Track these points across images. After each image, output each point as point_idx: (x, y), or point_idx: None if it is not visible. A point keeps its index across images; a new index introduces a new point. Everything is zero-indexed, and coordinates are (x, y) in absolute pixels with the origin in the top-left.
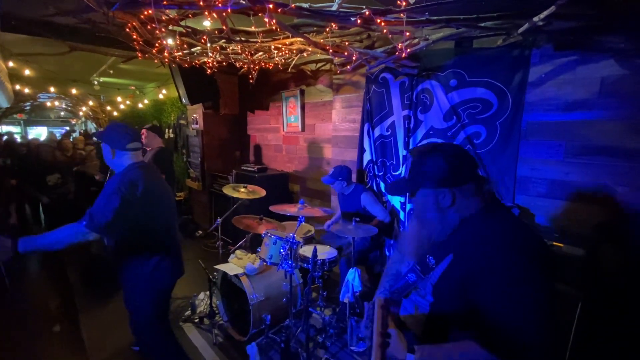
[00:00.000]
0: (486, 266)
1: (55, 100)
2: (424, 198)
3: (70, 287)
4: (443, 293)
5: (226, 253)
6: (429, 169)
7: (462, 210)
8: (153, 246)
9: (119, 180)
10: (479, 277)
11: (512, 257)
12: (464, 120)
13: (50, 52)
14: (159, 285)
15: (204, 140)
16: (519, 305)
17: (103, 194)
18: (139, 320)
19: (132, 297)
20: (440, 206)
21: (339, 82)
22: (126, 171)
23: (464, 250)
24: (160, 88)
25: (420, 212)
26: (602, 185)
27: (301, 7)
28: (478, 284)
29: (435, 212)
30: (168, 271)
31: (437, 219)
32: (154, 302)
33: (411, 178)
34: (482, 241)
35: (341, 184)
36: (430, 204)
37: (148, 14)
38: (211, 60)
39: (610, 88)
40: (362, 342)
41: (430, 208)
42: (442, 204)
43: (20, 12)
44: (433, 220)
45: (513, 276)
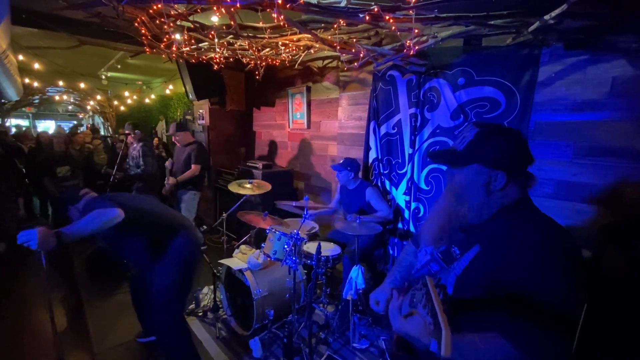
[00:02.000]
0: (520, 260)
1: (63, 94)
2: (475, 175)
3: (75, 278)
4: (467, 285)
5: (230, 248)
6: (494, 146)
7: (505, 198)
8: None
9: None
10: (512, 271)
11: (548, 254)
12: (472, 119)
13: (60, 45)
14: (184, 254)
15: (210, 136)
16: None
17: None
18: (163, 299)
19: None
20: (490, 188)
21: (345, 79)
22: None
23: (493, 242)
24: (167, 83)
25: (463, 188)
26: (610, 187)
27: (310, 3)
28: (509, 277)
29: (481, 192)
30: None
31: (481, 199)
32: (180, 273)
33: (469, 150)
34: (517, 236)
35: (348, 174)
36: (479, 183)
37: (157, 8)
38: (218, 56)
39: (621, 88)
40: (364, 339)
41: (477, 186)
42: (493, 186)
43: (31, 5)
44: (474, 200)
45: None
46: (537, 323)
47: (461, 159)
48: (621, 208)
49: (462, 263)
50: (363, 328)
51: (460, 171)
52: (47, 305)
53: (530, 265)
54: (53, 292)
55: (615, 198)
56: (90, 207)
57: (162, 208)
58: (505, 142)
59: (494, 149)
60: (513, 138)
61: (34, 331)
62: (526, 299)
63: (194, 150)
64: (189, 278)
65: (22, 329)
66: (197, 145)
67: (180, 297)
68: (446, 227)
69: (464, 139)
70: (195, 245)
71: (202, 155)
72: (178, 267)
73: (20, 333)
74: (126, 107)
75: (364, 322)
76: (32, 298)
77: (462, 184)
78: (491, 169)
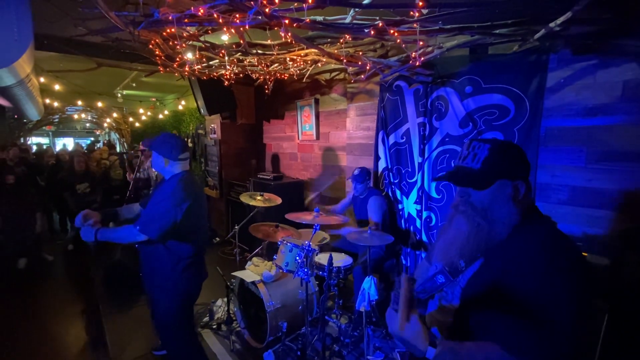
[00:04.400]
0: (524, 270)
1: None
2: (500, 190)
3: (94, 292)
4: (471, 296)
5: (243, 260)
6: (510, 158)
7: (525, 204)
8: (188, 249)
9: (172, 188)
10: (516, 280)
11: (556, 264)
12: (481, 126)
13: (79, 68)
14: (187, 286)
15: (221, 149)
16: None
17: (155, 201)
18: (167, 323)
19: (161, 301)
20: (517, 198)
21: (353, 90)
22: (178, 180)
23: (495, 252)
24: (179, 99)
25: (490, 207)
26: (626, 192)
27: (316, 21)
28: (513, 287)
29: (509, 205)
30: (196, 273)
31: (509, 211)
32: (183, 305)
33: (488, 166)
34: (521, 245)
35: (367, 184)
36: (506, 197)
37: (170, 31)
38: (229, 73)
39: (633, 92)
40: (378, 351)
41: (504, 201)
42: (519, 195)
43: (52, 31)
44: (504, 214)
45: (555, 282)
46: (536, 334)
47: (484, 177)
48: (639, 213)
49: (467, 275)
50: (377, 340)
51: (486, 191)
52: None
53: (531, 275)
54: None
55: (632, 203)
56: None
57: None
58: (515, 151)
59: (511, 161)
60: (518, 148)
61: (53, 343)
62: (526, 309)
63: None
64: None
65: (42, 342)
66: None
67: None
68: (465, 251)
69: (477, 157)
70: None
71: None
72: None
73: (41, 345)
74: (141, 123)
75: (378, 334)
76: (51, 311)
77: (488, 202)
78: (513, 181)
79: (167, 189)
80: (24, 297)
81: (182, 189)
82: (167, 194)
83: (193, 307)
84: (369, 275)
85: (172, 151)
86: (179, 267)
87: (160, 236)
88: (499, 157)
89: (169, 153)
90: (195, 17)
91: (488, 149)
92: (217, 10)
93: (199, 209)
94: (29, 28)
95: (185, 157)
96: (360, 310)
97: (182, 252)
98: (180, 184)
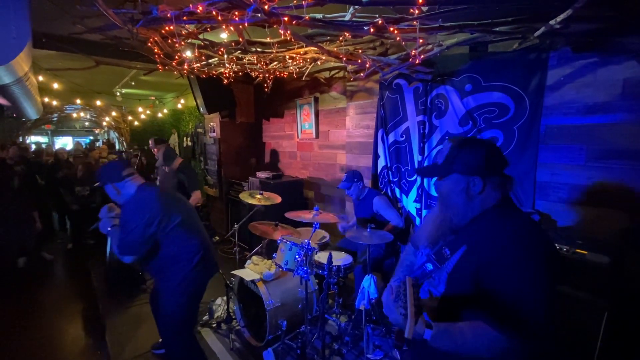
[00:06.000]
0: (498, 256)
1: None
2: (455, 183)
3: (93, 291)
4: (456, 281)
5: (242, 259)
6: (466, 156)
7: (485, 201)
8: (188, 246)
9: (132, 208)
10: (492, 266)
11: (522, 249)
12: (480, 125)
13: (78, 66)
14: (193, 286)
15: (221, 148)
16: (527, 289)
17: (122, 226)
18: (171, 322)
19: (167, 301)
20: (470, 192)
21: (352, 89)
22: (137, 200)
23: (477, 241)
24: (178, 98)
25: (447, 196)
26: (626, 190)
27: (315, 19)
28: (490, 272)
29: (462, 198)
30: (203, 269)
31: (463, 203)
32: (189, 303)
33: (446, 162)
34: (496, 234)
35: (357, 185)
36: (459, 189)
37: (169, 29)
38: (228, 71)
39: (633, 90)
40: (378, 349)
41: (458, 193)
42: (472, 191)
43: (51, 29)
44: (458, 204)
45: (522, 265)
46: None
47: (441, 170)
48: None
49: (452, 262)
50: (377, 338)
51: (444, 182)
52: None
53: (502, 261)
54: (72, 304)
55: (632, 201)
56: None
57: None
58: (474, 151)
59: (466, 158)
60: (483, 147)
61: (53, 342)
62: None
63: (186, 177)
64: (197, 299)
65: (42, 341)
66: (188, 171)
67: (187, 316)
68: (439, 232)
69: (442, 153)
70: (209, 275)
71: (195, 179)
72: (187, 290)
73: (40, 344)
74: (140, 122)
75: (378, 333)
76: (51, 310)
77: (446, 192)
78: (467, 176)
79: (129, 211)
80: (24, 296)
81: (143, 207)
82: (133, 219)
83: (198, 306)
84: (368, 273)
85: (113, 175)
86: (186, 266)
87: (144, 253)
88: (455, 154)
89: (112, 178)
90: (194, 14)
91: (450, 147)
92: (216, 8)
93: (175, 209)
94: (27, 26)
95: (130, 172)
96: (360, 309)
97: (182, 251)
98: (140, 203)
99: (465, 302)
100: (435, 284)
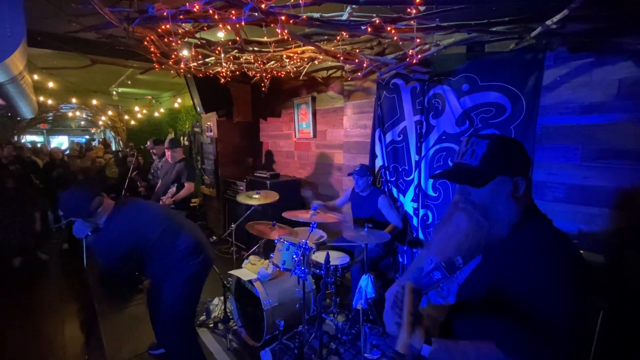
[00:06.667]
0: (524, 269)
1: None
2: (499, 187)
3: (89, 291)
4: (468, 293)
5: (240, 258)
6: (510, 154)
7: (525, 203)
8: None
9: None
10: (515, 280)
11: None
12: (477, 124)
13: (73, 65)
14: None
15: (217, 147)
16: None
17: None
18: (171, 318)
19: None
20: (516, 195)
21: (350, 88)
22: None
23: (494, 251)
24: (175, 97)
25: (490, 204)
26: (621, 190)
27: (312, 18)
28: (514, 285)
29: (509, 203)
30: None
31: (509, 210)
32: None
33: (487, 163)
34: (520, 243)
35: (367, 180)
36: (506, 194)
37: (165, 28)
38: (225, 70)
39: (629, 90)
40: (375, 349)
41: (505, 198)
42: (519, 192)
43: (46, 27)
44: (504, 212)
45: (558, 280)
46: (534, 335)
47: (483, 174)
48: (634, 211)
49: (464, 273)
50: (374, 338)
51: (484, 188)
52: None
53: (531, 275)
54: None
55: (629, 201)
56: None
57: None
58: (515, 147)
59: (511, 156)
60: (518, 143)
61: (49, 343)
62: (524, 309)
63: (184, 168)
64: (197, 296)
65: (37, 342)
66: (187, 163)
67: (189, 314)
68: (463, 248)
69: (475, 153)
70: (208, 268)
71: (193, 172)
72: (190, 287)
73: (36, 345)
74: (136, 122)
75: (375, 332)
76: (46, 310)
77: (488, 199)
78: (512, 177)
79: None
80: (19, 296)
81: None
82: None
83: (197, 303)
84: (365, 273)
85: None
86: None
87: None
88: (498, 153)
89: (82, 211)
90: (190, 13)
91: (486, 145)
92: (213, 7)
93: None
94: (21, 24)
95: (99, 201)
96: (357, 308)
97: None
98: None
99: (477, 316)
100: (444, 295)
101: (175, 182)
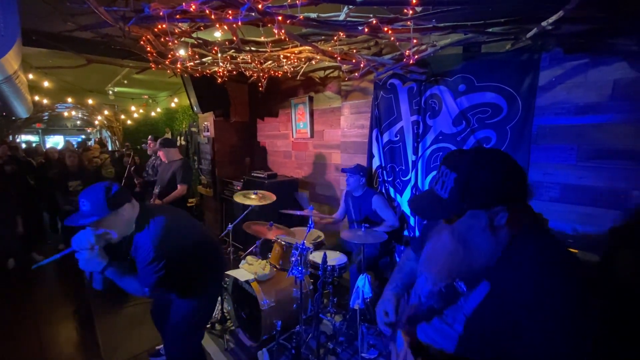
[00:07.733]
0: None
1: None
2: (473, 219)
3: (85, 292)
4: (479, 329)
5: (237, 259)
6: (481, 185)
7: (513, 228)
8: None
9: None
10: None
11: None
12: (474, 125)
13: (69, 64)
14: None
15: (214, 147)
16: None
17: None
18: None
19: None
20: (494, 226)
21: (347, 88)
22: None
23: (503, 276)
24: (172, 97)
25: (464, 240)
26: (616, 189)
27: (309, 18)
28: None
29: (486, 235)
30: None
31: (488, 243)
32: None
33: (455, 197)
34: (528, 268)
35: (360, 180)
36: (480, 226)
37: (162, 27)
38: (222, 70)
39: (623, 91)
40: (372, 348)
41: (479, 231)
42: (497, 223)
43: (41, 27)
44: (481, 246)
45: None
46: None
47: (451, 208)
48: (629, 210)
49: (471, 302)
50: (371, 337)
51: (460, 220)
52: None
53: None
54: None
55: (622, 200)
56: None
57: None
58: (490, 174)
59: (484, 189)
60: (498, 165)
61: (45, 345)
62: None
63: (179, 169)
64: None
65: (33, 343)
66: (183, 162)
67: (200, 328)
68: (453, 272)
69: (445, 185)
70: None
71: (188, 173)
72: (204, 303)
73: (32, 347)
74: (133, 121)
75: (372, 332)
76: (42, 311)
77: (464, 231)
78: (488, 209)
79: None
80: (14, 297)
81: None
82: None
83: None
84: (363, 273)
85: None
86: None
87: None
88: (467, 188)
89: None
90: (186, 13)
91: (454, 180)
92: (209, 6)
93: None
94: (16, 23)
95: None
96: (355, 308)
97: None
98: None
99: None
100: (449, 322)
101: (171, 182)
